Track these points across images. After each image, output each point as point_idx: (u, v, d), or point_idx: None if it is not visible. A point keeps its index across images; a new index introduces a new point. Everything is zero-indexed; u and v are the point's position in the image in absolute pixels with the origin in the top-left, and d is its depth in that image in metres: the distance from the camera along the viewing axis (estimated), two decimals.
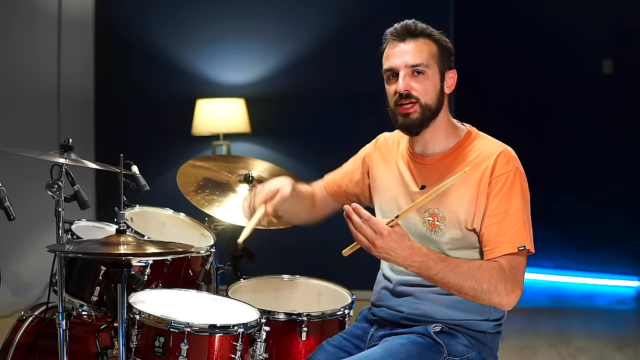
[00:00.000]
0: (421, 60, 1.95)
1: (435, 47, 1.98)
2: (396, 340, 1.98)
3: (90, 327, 2.43)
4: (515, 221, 1.90)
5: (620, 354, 4.07)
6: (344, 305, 2.43)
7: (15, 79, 4.75)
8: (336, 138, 5.05)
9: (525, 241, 1.89)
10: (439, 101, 1.98)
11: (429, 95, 1.96)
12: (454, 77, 2.02)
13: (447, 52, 2.01)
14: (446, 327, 1.97)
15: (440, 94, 1.98)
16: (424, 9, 4.96)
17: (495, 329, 2.01)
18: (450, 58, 2.02)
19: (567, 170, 6.01)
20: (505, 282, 1.84)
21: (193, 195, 2.82)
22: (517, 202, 1.91)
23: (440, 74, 1.98)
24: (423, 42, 1.97)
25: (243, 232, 2.09)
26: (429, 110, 1.96)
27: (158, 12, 5.47)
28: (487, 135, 2.05)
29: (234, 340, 2.09)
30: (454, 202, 1.94)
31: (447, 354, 1.94)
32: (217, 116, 5.05)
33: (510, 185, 1.91)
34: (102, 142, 5.54)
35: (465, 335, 1.97)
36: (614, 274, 5.90)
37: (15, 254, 4.69)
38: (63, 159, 2.21)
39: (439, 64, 1.98)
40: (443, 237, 1.96)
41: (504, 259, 1.88)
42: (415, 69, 1.95)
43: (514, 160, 1.95)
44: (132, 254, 2.01)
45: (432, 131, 2.00)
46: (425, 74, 1.96)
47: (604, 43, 5.92)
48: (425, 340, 1.96)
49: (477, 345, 1.97)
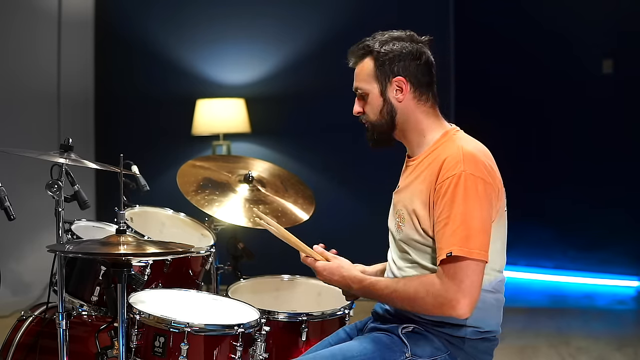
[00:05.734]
0: (359, 84, 2.03)
1: (372, 64, 2.00)
2: (360, 338, 2.03)
3: (90, 327, 2.43)
4: (451, 226, 1.82)
5: (620, 354, 4.07)
6: (344, 305, 2.43)
7: (15, 79, 4.75)
8: (336, 138, 5.06)
9: (454, 247, 1.80)
10: (388, 114, 2.00)
11: (373, 115, 2.03)
12: (401, 84, 1.98)
13: (388, 61, 1.97)
14: (421, 327, 1.96)
15: (388, 106, 2.00)
16: (424, 9, 4.97)
17: (476, 335, 1.95)
18: (392, 66, 1.97)
19: (567, 170, 6.01)
20: (433, 296, 1.82)
21: (193, 195, 2.82)
22: (458, 206, 1.82)
23: (381, 90, 2.00)
24: (361, 65, 2.03)
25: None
26: (377, 126, 2.03)
27: (158, 12, 5.47)
28: (463, 136, 2.00)
29: (234, 340, 2.09)
30: (412, 202, 1.95)
31: (411, 354, 1.92)
32: (217, 116, 5.05)
33: (453, 189, 1.84)
34: (102, 142, 5.53)
35: (441, 338, 1.94)
36: (614, 274, 5.89)
37: (15, 254, 4.69)
38: (63, 159, 2.21)
39: (378, 80, 1.99)
40: (405, 237, 1.97)
41: (440, 268, 1.83)
42: (358, 92, 2.05)
43: (464, 162, 1.86)
44: (132, 254, 2.01)
45: (405, 138, 2.04)
46: (367, 96, 2.02)
47: (604, 43, 5.91)
48: (391, 339, 1.96)
49: (452, 349, 1.94)
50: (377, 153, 2.29)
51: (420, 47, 2.00)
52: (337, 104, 5.44)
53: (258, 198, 2.88)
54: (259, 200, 2.87)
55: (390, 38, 2.00)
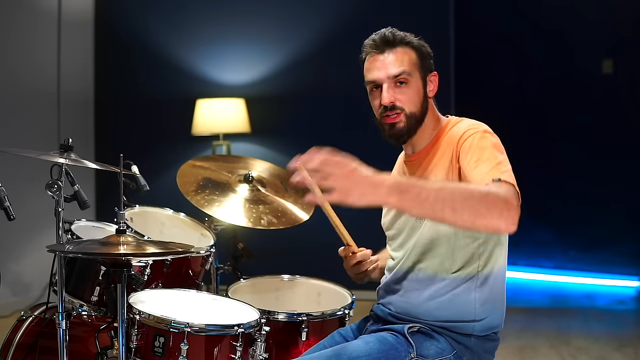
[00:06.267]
0: (402, 69, 1.97)
1: (415, 54, 1.99)
2: (365, 337, 2.00)
3: (90, 327, 2.42)
4: (488, 164, 1.78)
5: (620, 354, 4.07)
6: (344, 305, 2.43)
7: (15, 78, 4.75)
8: (336, 138, 5.05)
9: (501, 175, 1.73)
10: (424, 107, 2.00)
11: (413, 104, 1.98)
12: (436, 80, 2.04)
13: (427, 57, 2.02)
14: (427, 327, 1.96)
15: (424, 100, 2.00)
16: (424, 9, 4.97)
17: (483, 332, 1.96)
18: (430, 62, 2.02)
19: (567, 170, 6.01)
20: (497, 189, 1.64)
21: (193, 195, 2.81)
22: (489, 151, 1.83)
23: (423, 80, 2.00)
24: (402, 51, 1.99)
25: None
26: (414, 118, 1.98)
27: (158, 12, 5.48)
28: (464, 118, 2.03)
29: (234, 340, 2.09)
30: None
31: (417, 354, 1.92)
32: (217, 116, 5.05)
33: (478, 140, 1.86)
34: (102, 142, 5.54)
35: (447, 337, 1.95)
36: (614, 274, 5.90)
37: (15, 254, 4.69)
38: (63, 159, 2.21)
39: (420, 71, 2.00)
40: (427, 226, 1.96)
41: None
42: (397, 79, 1.97)
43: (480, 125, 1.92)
44: (132, 254, 2.01)
45: (419, 134, 2.02)
46: (408, 83, 1.97)
47: (604, 43, 5.92)
48: (397, 339, 1.95)
49: (459, 349, 1.94)
50: (377, 153, 2.28)
51: None
52: (337, 104, 5.48)
53: (258, 198, 2.88)
54: (259, 200, 2.87)
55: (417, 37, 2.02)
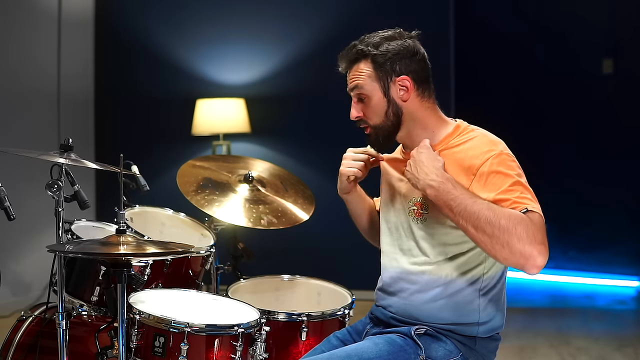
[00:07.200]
0: (356, 85, 1.96)
1: (371, 65, 1.95)
2: (373, 338, 1.98)
3: (90, 327, 2.43)
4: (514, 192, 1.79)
5: (620, 354, 4.07)
6: (344, 305, 2.43)
7: (15, 79, 4.75)
8: (336, 138, 5.05)
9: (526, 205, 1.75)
10: (393, 115, 1.95)
11: (376, 116, 1.96)
12: (405, 82, 1.94)
13: (387, 63, 1.94)
14: (432, 330, 1.95)
15: (391, 107, 1.95)
16: (423, 9, 4.97)
17: (486, 334, 1.96)
18: (393, 66, 1.94)
19: (567, 170, 6.01)
20: (526, 226, 1.70)
21: (193, 195, 2.81)
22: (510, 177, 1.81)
23: (384, 89, 1.95)
24: (357, 67, 1.97)
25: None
26: (381, 129, 1.97)
27: (158, 12, 5.48)
28: (476, 127, 2.00)
29: (234, 340, 2.09)
30: None
31: (425, 356, 1.91)
32: (217, 116, 5.05)
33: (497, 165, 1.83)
34: (102, 142, 5.54)
35: (452, 339, 1.94)
36: (614, 274, 5.90)
37: (15, 254, 4.69)
38: (63, 159, 2.21)
39: (379, 81, 1.95)
40: (434, 220, 1.94)
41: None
42: (356, 95, 1.98)
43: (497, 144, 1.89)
44: (132, 254, 2.01)
45: (406, 137, 2.00)
46: (367, 98, 1.96)
47: (604, 43, 5.92)
48: (405, 340, 1.94)
49: (465, 350, 1.94)
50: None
51: (414, 42, 1.98)
52: (337, 104, 5.46)
53: (258, 198, 2.88)
54: (259, 200, 2.87)
55: (383, 38, 1.96)
